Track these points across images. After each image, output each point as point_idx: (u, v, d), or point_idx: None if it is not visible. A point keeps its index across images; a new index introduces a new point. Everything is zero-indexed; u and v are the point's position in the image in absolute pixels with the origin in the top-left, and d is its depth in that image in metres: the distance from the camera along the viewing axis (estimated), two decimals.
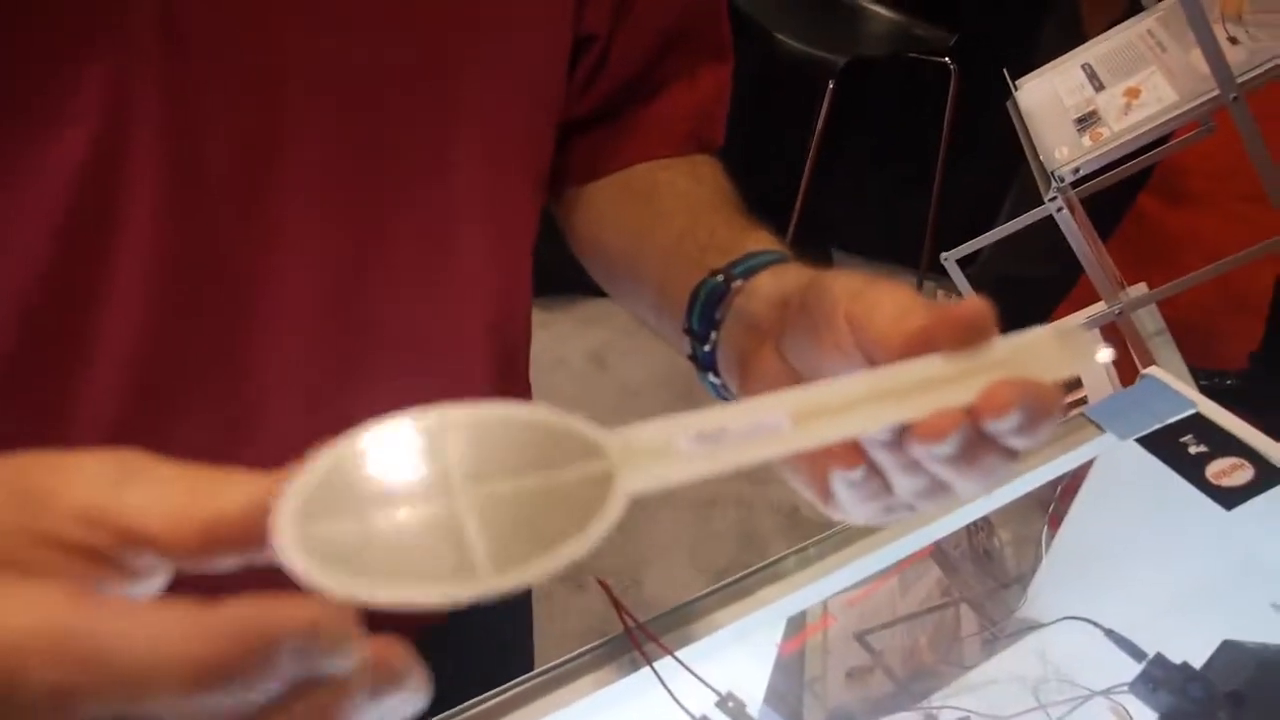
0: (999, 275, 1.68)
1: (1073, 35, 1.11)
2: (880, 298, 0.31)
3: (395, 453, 0.23)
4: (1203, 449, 0.65)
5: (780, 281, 0.38)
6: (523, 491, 0.23)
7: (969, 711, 0.67)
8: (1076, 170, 0.87)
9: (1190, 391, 0.69)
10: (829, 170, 1.91)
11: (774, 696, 0.56)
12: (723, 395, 0.41)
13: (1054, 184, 0.90)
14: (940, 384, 0.27)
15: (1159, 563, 0.63)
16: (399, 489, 0.23)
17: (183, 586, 0.23)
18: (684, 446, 0.25)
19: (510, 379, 0.53)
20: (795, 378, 0.35)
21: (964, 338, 0.28)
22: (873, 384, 0.27)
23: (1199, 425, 0.66)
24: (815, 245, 2.02)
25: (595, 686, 0.50)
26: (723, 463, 0.26)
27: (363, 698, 0.20)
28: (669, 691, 0.50)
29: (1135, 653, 0.59)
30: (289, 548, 0.21)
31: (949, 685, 0.68)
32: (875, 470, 0.30)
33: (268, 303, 0.39)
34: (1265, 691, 0.55)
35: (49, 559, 0.21)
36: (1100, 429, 0.68)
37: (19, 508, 0.21)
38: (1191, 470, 0.64)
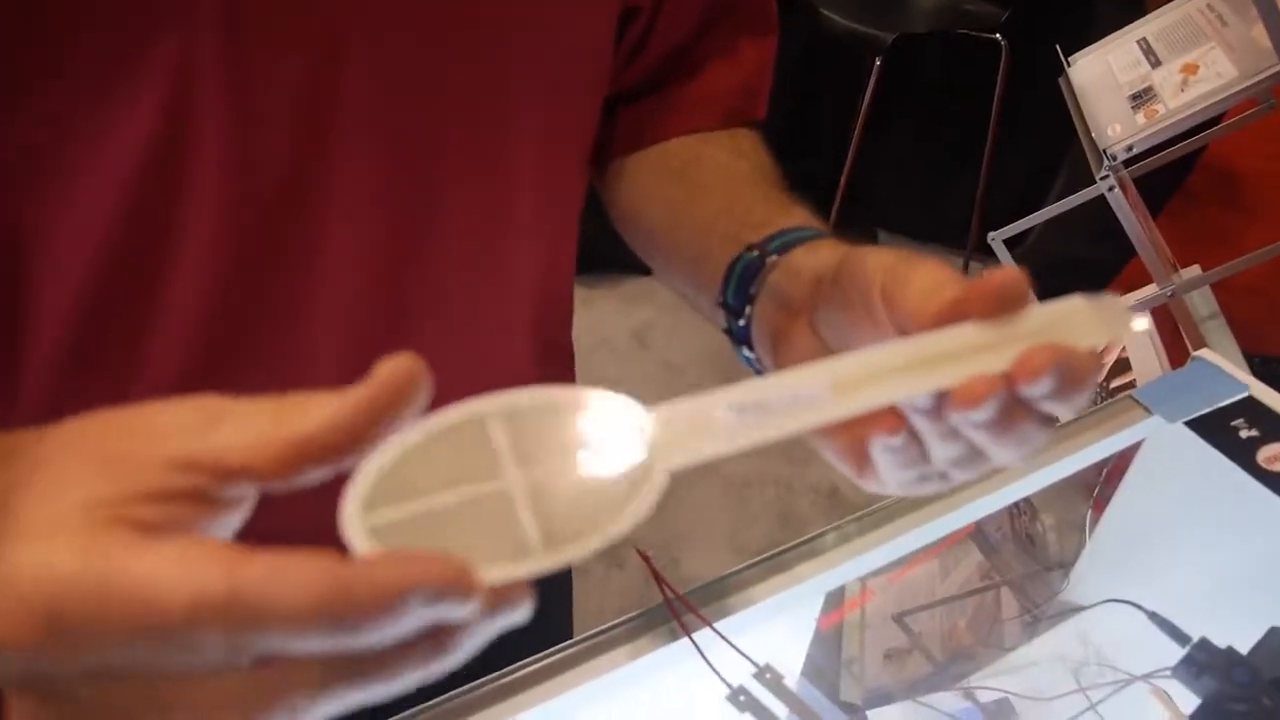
0: (1047, 256, 1.65)
1: (1130, 9, 1.08)
2: (914, 273, 0.31)
3: (450, 440, 0.24)
4: (1254, 433, 0.64)
5: (815, 257, 0.38)
6: (568, 471, 0.24)
7: (1008, 693, 0.67)
8: (1130, 148, 0.85)
9: (1243, 374, 0.68)
10: (875, 149, 1.89)
11: (812, 670, 0.56)
12: (758, 369, 0.42)
13: (1106, 162, 0.88)
14: (976, 351, 0.27)
15: (1205, 548, 0.62)
16: (455, 475, 0.24)
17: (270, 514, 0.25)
18: (723, 420, 0.26)
19: (553, 351, 0.54)
20: (828, 353, 0.35)
21: (998, 307, 0.28)
22: (910, 352, 0.28)
23: (1251, 409, 0.65)
24: (860, 225, 2.00)
25: (633, 656, 0.51)
26: (763, 434, 0.26)
27: (479, 627, 0.22)
28: (707, 661, 0.51)
29: (1179, 637, 0.58)
30: (357, 534, 0.23)
31: (988, 666, 0.68)
32: (914, 437, 0.30)
33: (323, 268, 0.41)
34: None
35: (157, 513, 0.22)
36: (1148, 411, 0.67)
37: (113, 476, 0.23)
38: (1242, 454, 0.63)
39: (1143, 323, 0.68)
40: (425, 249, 0.43)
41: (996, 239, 1.13)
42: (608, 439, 0.25)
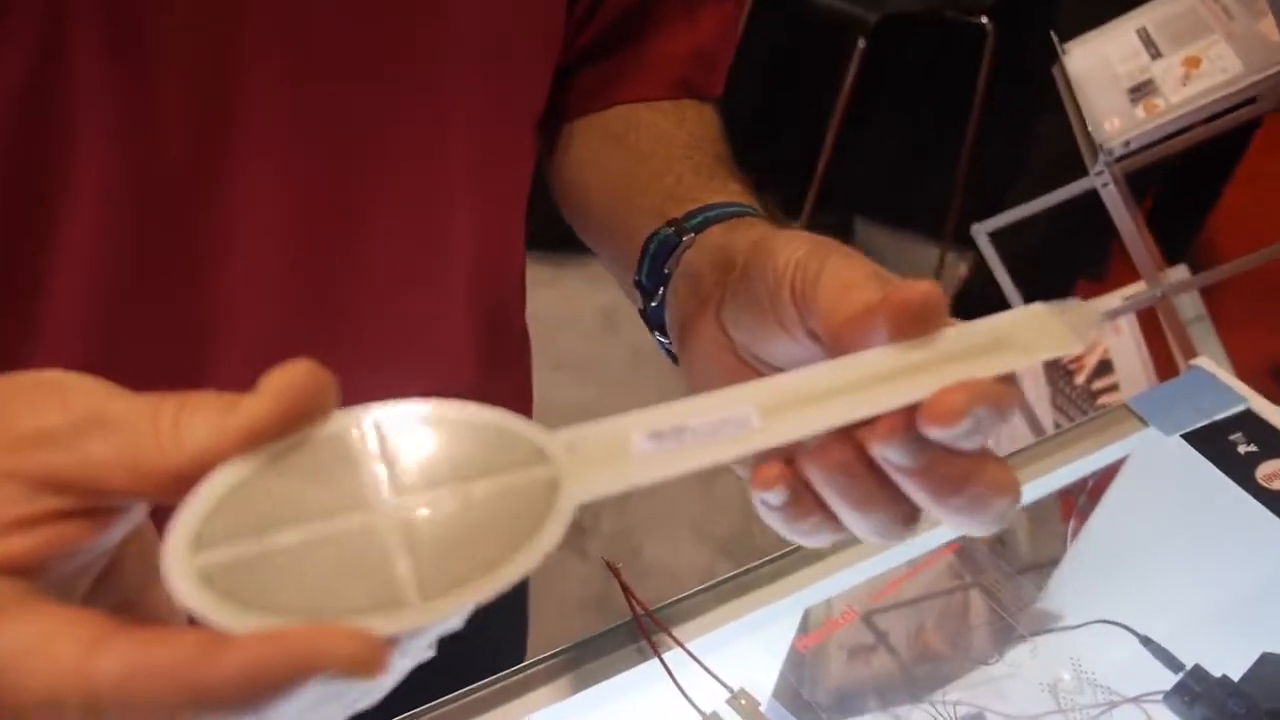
0: (1027, 243, 1.63)
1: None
2: (825, 268, 0.28)
3: (310, 460, 0.20)
4: (1253, 448, 0.62)
5: (729, 238, 0.35)
6: (455, 502, 0.20)
7: (983, 707, 0.65)
8: (1127, 144, 0.83)
9: (1240, 386, 0.66)
10: (855, 133, 1.86)
11: (784, 691, 0.53)
12: (673, 356, 0.39)
13: (1101, 157, 0.85)
14: (926, 369, 0.25)
15: (1199, 567, 0.60)
16: (314, 503, 0.20)
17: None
18: (639, 448, 0.23)
19: (501, 331, 0.51)
20: (733, 351, 0.32)
21: (911, 324, 0.25)
22: (852, 372, 0.25)
23: (1250, 423, 0.63)
24: (836, 210, 1.97)
25: (596, 679, 0.48)
26: (683, 465, 0.23)
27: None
28: (678, 686, 0.47)
29: (1171, 663, 0.56)
30: (181, 579, 0.19)
31: (960, 678, 0.66)
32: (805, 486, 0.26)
33: (232, 228, 0.37)
34: None
35: (27, 543, 0.20)
36: (1143, 422, 0.65)
37: None
38: (1240, 471, 0.61)
39: (1105, 329, 0.65)
40: (345, 214, 0.39)
41: (981, 231, 1.11)
42: (502, 467, 0.21)
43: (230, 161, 0.36)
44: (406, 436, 0.21)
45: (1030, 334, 0.26)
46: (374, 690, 0.21)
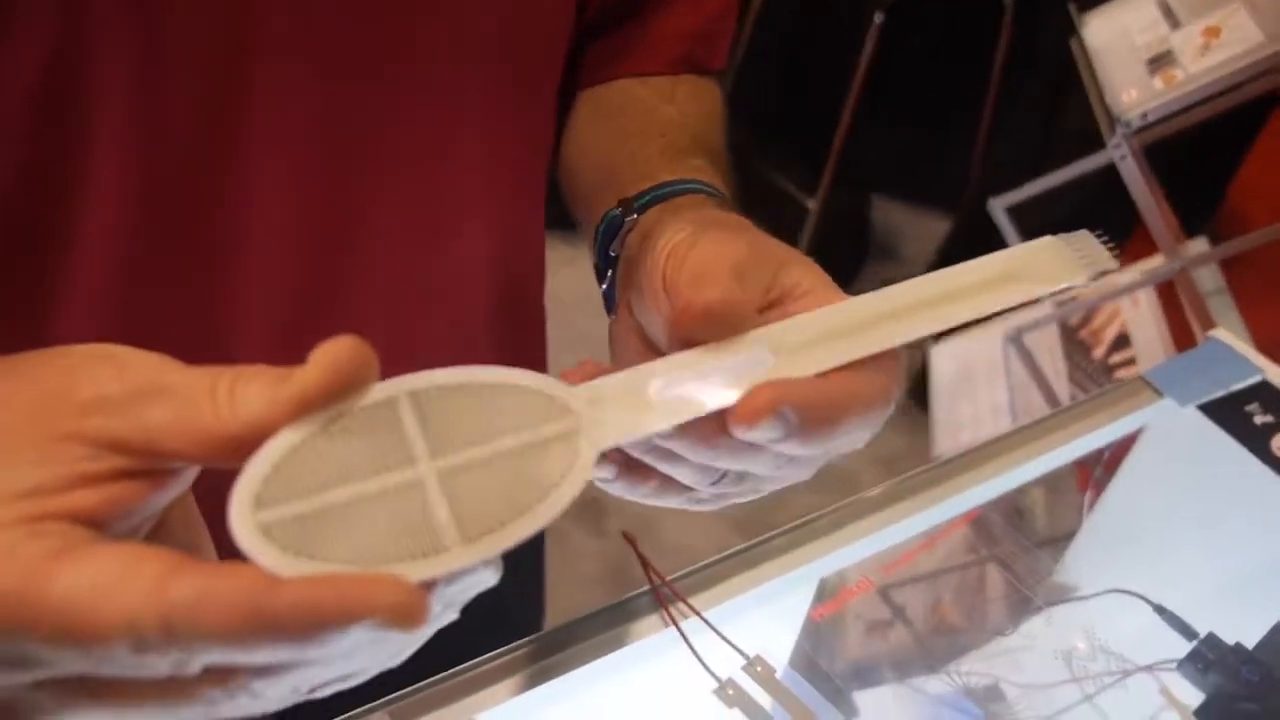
0: (1049, 220, 1.62)
1: None
2: (689, 258, 0.28)
3: (355, 426, 0.22)
4: (1269, 419, 0.62)
5: (658, 219, 0.35)
6: (487, 457, 0.22)
7: (998, 677, 0.65)
8: (1145, 115, 0.82)
9: (1258, 357, 0.65)
10: (872, 111, 1.85)
11: (801, 660, 0.54)
12: None
13: (1119, 129, 0.85)
14: (930, 305, 0.26)
15: (1213, 538, 0.60)
16: (361, 464, 0.22)
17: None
18: (657, 394, 0.24)
19: (520, 314, 0.51)
20: (640, 335, 0.32)
21: (704, 332, 0.25)
22: (861, 311, 0.26)
23: (1266, 394, 0.63)
24: (853, 188, 1.97)
25: (613, 646, 0.49)
26: (702, 407, 0.24)
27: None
28: (695, 653, 0.48)
29: (1186, 631, 0.56)
30: (246, 534, 0.21)
31: (976, 650, 0.66)
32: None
33: (245, 217, 0.38)
34: None
35: (94, 498, 0.21)
36: (1159, 393, 0.65)
37: (43, 458, 0.21)
38: (1256, 441, 0.61)
39: (1114, 265, 0.66)
40: (357, 195, 0.40)
41: (998, 206, 1.11)
42: (531, 421, 0.23)
43: (242, 155, 0.36)
44: (441, 400, 0.23)
45: (1041, 265, 0.27)
46: (412, 641, 0.22)
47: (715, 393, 0.24)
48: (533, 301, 0.53)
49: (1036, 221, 1.67)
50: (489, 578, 0.22)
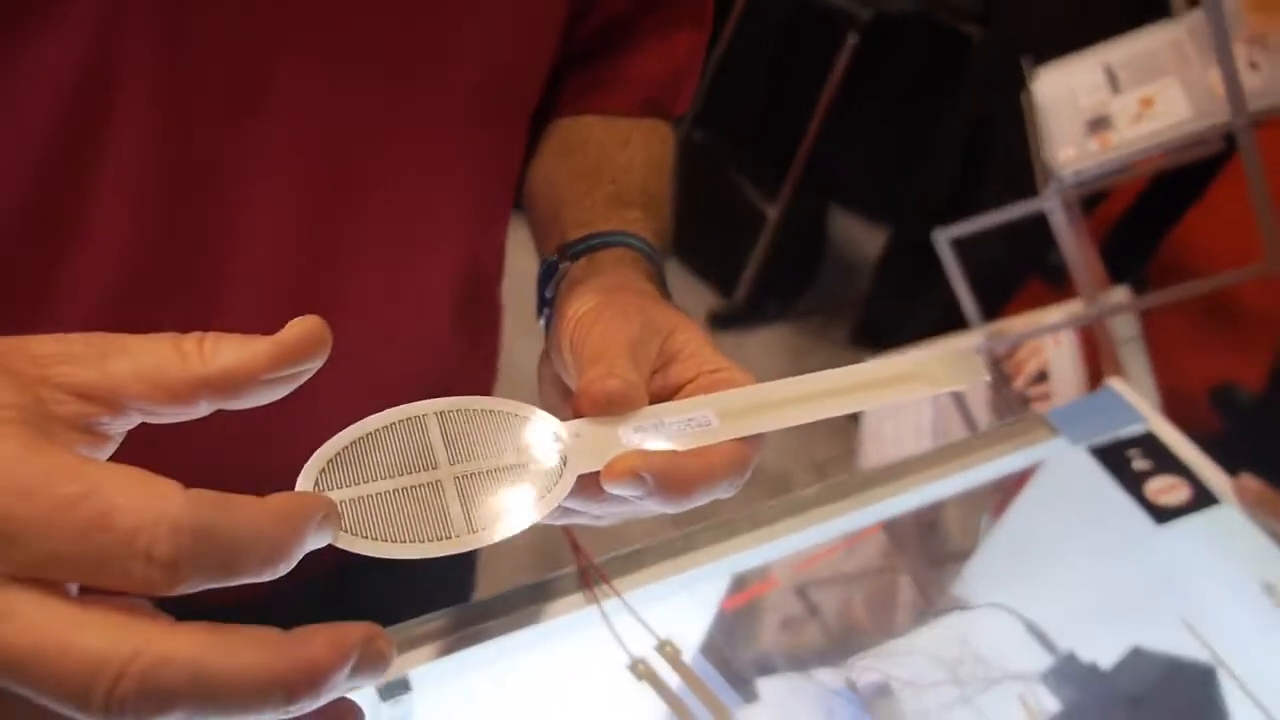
0: (986, 246, 1.69)
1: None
2: (591, 333, 0.33)
3: (393, 433, 0.28)
4: (1147, 465, 0.68)
5: (577, 279, 0.39)
6: (494, 468, 0.29)
7: (888, 675, 0.71)
8: (1077, 174, 0.88)
9: (1146, 408, 0.72)
10: (840, 125, 1.90)
11: (710, 648, 0.59)
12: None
13: (1053, 184, 0.91)
14: (834, 394, 0.32)
15: (1087, 566, 0.66)
16: (396, 462, 0.28)
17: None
18: (624, 436, 0.30)
19: (479, 309, 0.55)
20: (559, 385, 0.37)
21: (601, 410, 0.30)
22: (789, 390, 0.32)
23: (1148, 443, 0.69)
24: (813, 196, 2.02)
25: (538, 618, 0.53)
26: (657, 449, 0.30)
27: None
28: (613, 631, 0.53)
29: (1050, 647, 0.62)
30: None
31: (872, 649, 0.72)
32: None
33: (246, 215, 0.40)
34: (1165, 699, 0.59)
35: (60, 435, 0.22)
36: (1055, 431, 0.71)
37: (15, 386, 0.22)
38: (1132, 484, 0.67)
39: (1060, 339, 0.73)
40: (347, 205, 0.43)
41: (943, 237, 1.16)
42: (528, 444, 0.29)
43: (254, 156, 0.39)
44: (462, 421, 0.29)
45: (933, 371, 0.33)
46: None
47: (665, 443, 0.30)
48: (491, 299, 0.57)
49: (978, 255, 1.75)
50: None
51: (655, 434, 0.30)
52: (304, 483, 0.26)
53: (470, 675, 0.51)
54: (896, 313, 1.85)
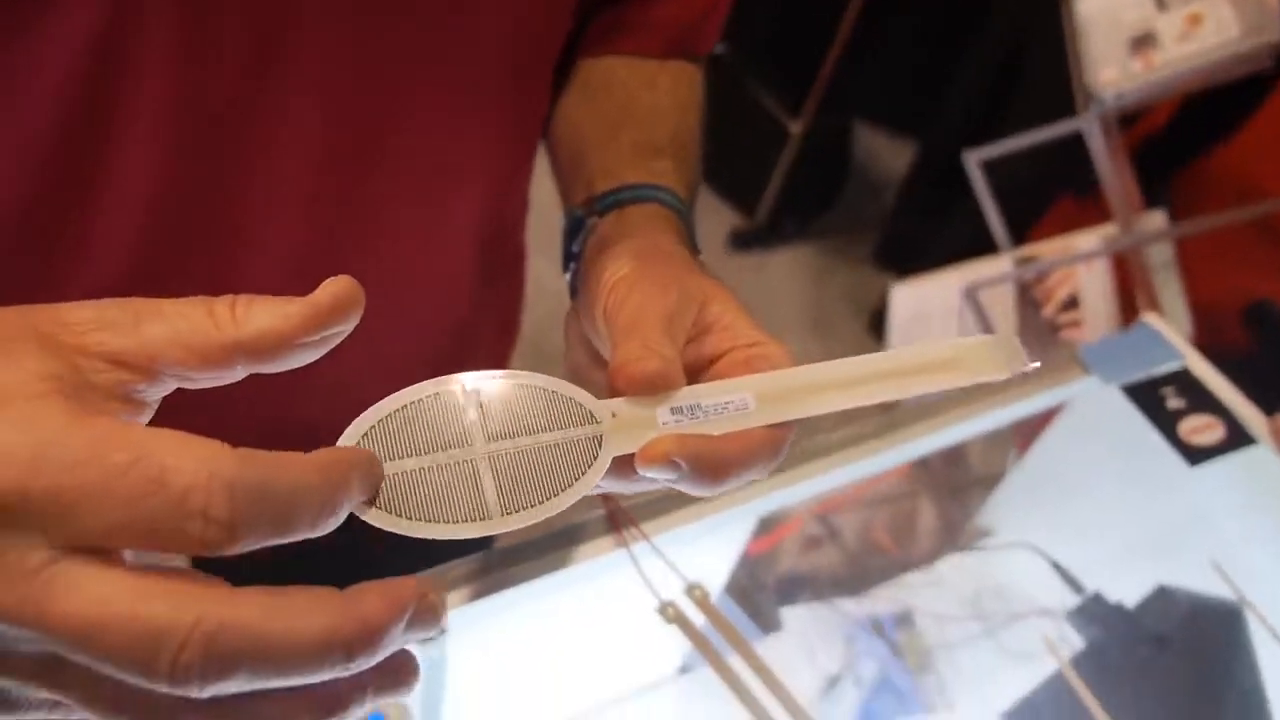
0: (1016, 170, 1.65)
1: None
2: (628, 302, 0.32)
3: (429, 407, 0.28)
4: (1181, 404, 0.67)
5: (609, 232, 0.38)
6: (529, 448, 0.28)
7: (912, 606, 0.72)
8: (1119, 95, 0.85)
9: (1183, 344, 0.70)
10: (867, 37, 1.83)
11: (734, 588, 0.60)
12: None
13: (1093, 105, 0.87)
14: (881, 379, 0.31)
15: (1117, 505, 0.66)
16: (431, 437, 0.27)
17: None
18: (662, 418, 0.30)
19: (503, 253, 0.54)
20: (587, 346, 0.36)
21: (637, 391, 0.29)
22: (828, 374, 0.31)
23: (1183, 380, 0.68)
24: (839, 112, 1.97)
25: (565, 562, 0.53)
26: (693, 432, 0.30)
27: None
28: (642, 574, 0.53)
29: (1076, 586, 0.63)
30: None
31: (895, 578, 0.73)
32: None
33: (268, 174, 0.40)
34: (1190, 638, 0.59)
35: (98, 406, 0.22)
36: (1086, 370, 0.70)
37: (56, 355, 0.22)
38: (1165, 423, 0.66)
39: (1034, 366, 0.71)
40: (369, 160, 0.42)
41: (973, 159, 1.13)
42: (564, 423, 0.29)
43: (277, 95, 0.38)
44: (496, 396, 0.28)
45: (974, 358, 0.32)
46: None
47: (704, 425, 0.30)
48: (515, 245, 0.56)
49: (1007, 172, 1.70)
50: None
51: (691, 416, 0.30)
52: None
53: (502, 617, 0.52)
54: (921, 232, 1.82)
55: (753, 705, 0.53)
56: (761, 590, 0.64)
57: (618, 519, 0.55)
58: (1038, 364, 0.33)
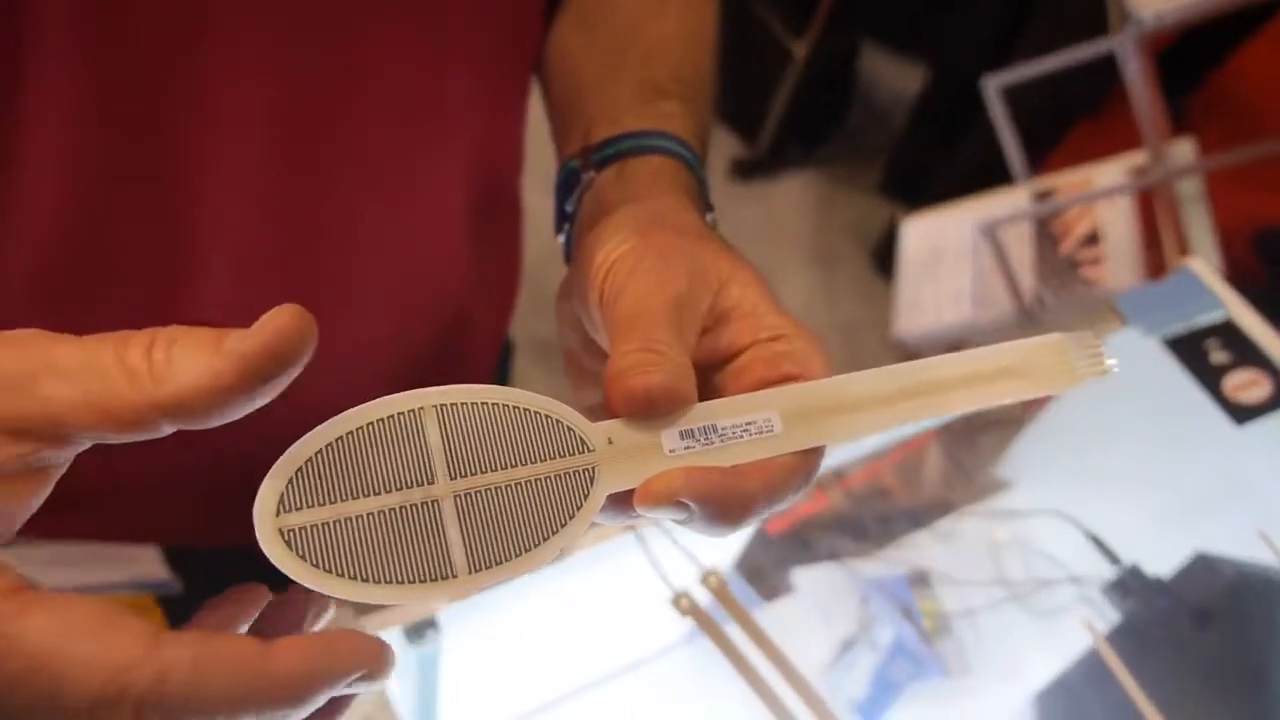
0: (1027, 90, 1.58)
1: None
2: (628, 287, 0.27)
3: (380, 433, 0.22)
4: (1225, 358, 0.62)
5: (606, 195, 0.33)
6: (505, 485, 0.23)
7: (928, 566, 0.68)
8: (1159, 17, 0.78)
9: (1226, 292, 0.65)
10: None
11: (747, 567, 0.56)
12: None
13: (1130, 26, 0.81)
14: (942, 389, 0.26)
15: (1154, 467, 0.62)
16: (383, 474, 0.22)
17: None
18: (670, 444, 0.24)
19: (497, 210, 0.49)
20: (580, 329, 0.31)
21: (634, 411, 0.24)
22: (867, 386, 0.26)
23: (1227, 332, 0.63)
24: (845, 32, 1.87)
25: (578, 545, 0.50)
26: (708, 464, 0.25)
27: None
28: (653, 562, 0.50)
29: (1111, 557, 0.59)
30: (266, 538, 0.21)
31: (910, 534, 0.69)
32: None
33: (207, 144, 0.34)
34: (1235, 610, 0.56)
35: None
36: (1123, 321, 0.65)
37: None
38: (1209, 379, 0.62)
39: (1113, 364, 0.66)
40: (334, 112, 0.37)
41: (993, 85, 1.06)
42: (548, 452, 0.24)
43: (217, 49, 0.32)
44: (467, 417, 0.23)
45: (1041, 364, 0.27)
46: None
47: (720, 453, 0.25)
48: (510, 199, 0.50)
49: (1022, 98, 1.62)
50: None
51: (705, 440, 0.25)
52: (265, 499, 0.21)
53: (501, 603, 0.48)
54: (930, 160, 1.75)
55: (771, 700, 0.50)
56: (772, 553, 0.61)
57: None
58: (1115, 365, 0.28)
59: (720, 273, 0.28)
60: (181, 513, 0.47)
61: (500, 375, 0.57)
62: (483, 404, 0.23)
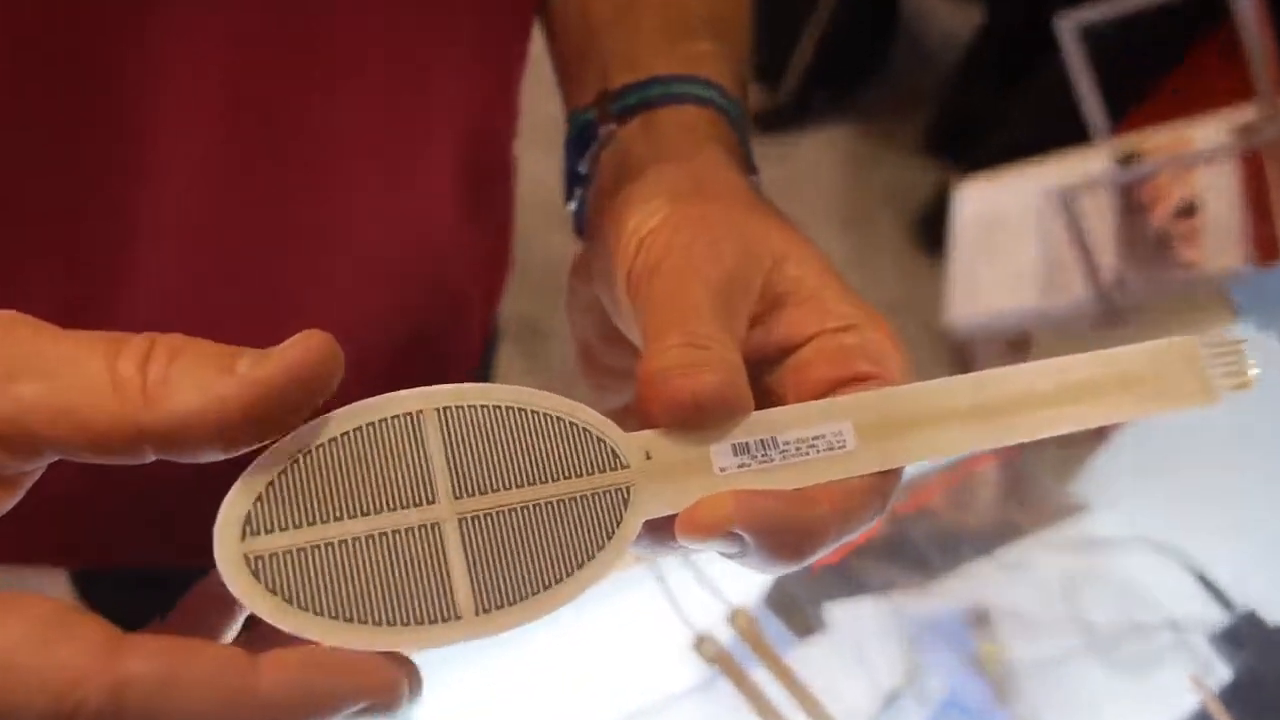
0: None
1: None
2: (662, 266, 0.27)
3: (372, 444, 0.21)
4: None
5: (633, 151, 0.32)
6: (520, 505, 0.22)
7: (987, 603, 0.67)
8: None
9: None
10: None
11: (776, 600, 0.55)
12: None
13: None
14: (1036, 407, 0.25)
15: (1271, 490, 0.61)
16: (373, 493, 0.21)
17: None
18: (721, 461, 0.24)
19: (488, 175, 0.49)
20: (601, 311, 0.31)
21: (674, 422, 0.24)
22: (960, 397, 0.25)
23: None
24: None
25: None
26: (766, 485, 0.24)
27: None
28: (673, 603, 0.49)
29: (1221, 599, 0.58)
30: (228, 566, 0.20)
31: (967, 563, 0.68)
32: None
33: (163, 111, 0.34)
34: None
35: None
36: (1234, 313, 0.64)
37: None
38: None
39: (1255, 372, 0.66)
40: (298, 66, 0.36)
41: (1068, 26, 1.06)
42: (574, 465, 0.23)
43: (166, 12, 0.32)
44: (475, 423, 0.22)
45: (1163, 375, 0.26)
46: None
47: (784, 474, 0.24)
48: (503, 155, 0.50)
49: (1100, 44, 1.62)
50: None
51: (763, 456, 0.24)
52: (229, 519, 0.20)
53: (488, 656, 0.47)
54: (984, 113, 1.75)
55: None
56: (804, 585, 0.60)
57: None
58: (1258, 373, 0.27)
59: (773, 248, 0.27)
60: (95, 526, 0.46)
61: (484, 366, 0.57)
62: (494, 407, 0.23)
